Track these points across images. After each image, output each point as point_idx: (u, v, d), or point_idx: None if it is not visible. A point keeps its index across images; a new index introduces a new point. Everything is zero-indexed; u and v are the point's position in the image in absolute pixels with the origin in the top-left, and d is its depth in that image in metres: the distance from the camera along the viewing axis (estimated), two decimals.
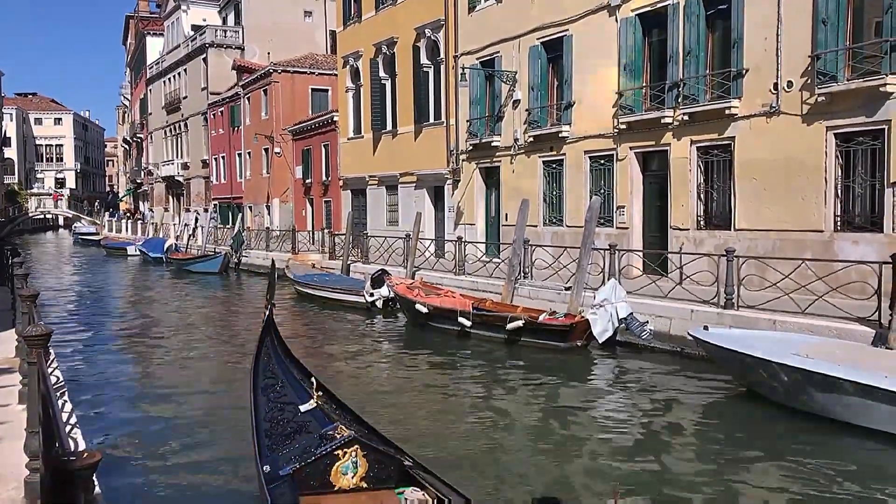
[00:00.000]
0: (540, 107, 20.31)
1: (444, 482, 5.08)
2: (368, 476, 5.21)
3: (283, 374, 6.35)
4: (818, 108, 13.58)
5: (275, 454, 5.51)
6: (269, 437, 5.69)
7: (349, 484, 5.15)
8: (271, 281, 7.76)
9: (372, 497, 5.11)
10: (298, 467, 5.15)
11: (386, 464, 5.27)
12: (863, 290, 11.16)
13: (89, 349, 14.89)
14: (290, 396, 6.10)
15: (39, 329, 4.99)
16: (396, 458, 5.33)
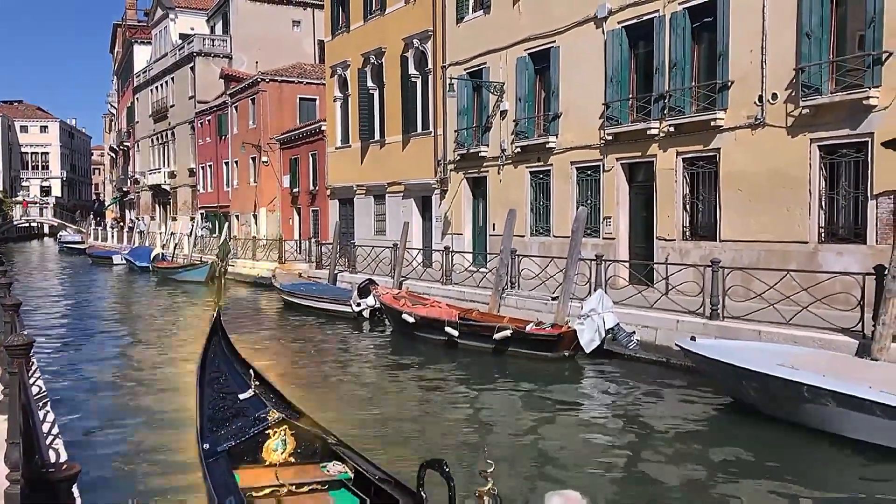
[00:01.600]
0: (527, 117, 20.39)
1: (363, 457, 5.72)
2: (296, 452, 5.90)
3: (227, 368, 6.97)
4: (802, 120, 13.70)
5: (214, 435, 6.07)
6: (211, 421, 6.26)
7: (279, 459, 5.82)
8: (219, 286, 8.59)
9: (299, 470, 5.76)
10: (234, 444, 5.87)
11: (312, 441, 5.97)
12: (847, 300, 11.24)
13: (72, 360, 14.74)
14: (232, 387, 6.71)
15: (21, 339, 4.95)
16: (321, 437, 6.02)
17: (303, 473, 5.72)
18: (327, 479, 5.67)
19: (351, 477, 5.66)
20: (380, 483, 5.22)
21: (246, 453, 5.84)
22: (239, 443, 5.89)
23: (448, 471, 4.08)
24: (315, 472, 5.74)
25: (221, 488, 5.28)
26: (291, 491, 5.51)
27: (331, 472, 5.71)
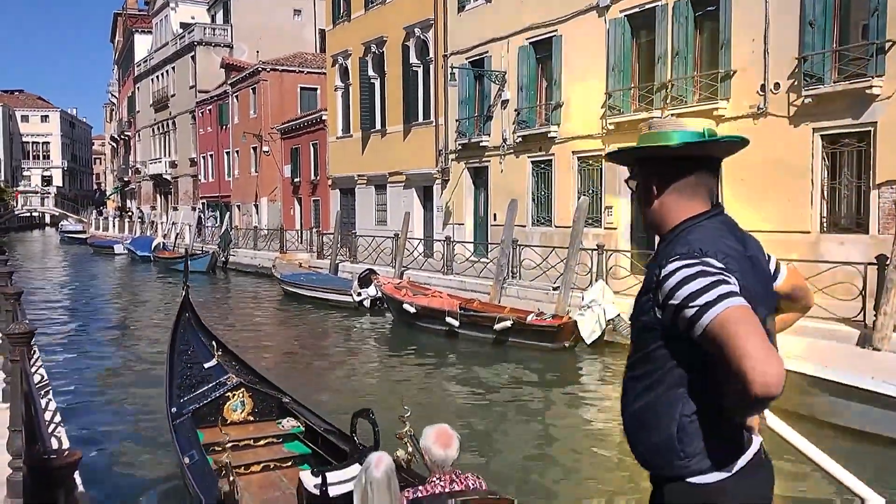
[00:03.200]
0: (529, 107, 20.34)
1: (313, 412, 6.57)
2: (254, 411, 6.66)
3: (195, 341, 7.59)
4: (805, 109, 13.66)
5: (181, 400, 6.67)
6: (179, 388, 6.89)
7: (239, 418, 6.58)
8: (186, 267, 9.80)
9: (257, 427, 6.54)
10: (198, 407, 6.45)
11: (268, 401, 6.73)
12: (848, 290, 11.23)
13: (74, 348, 14.80)
14: (198, 357, 7.34)
15: (23, 327, 4.96)
16: (277, 397, 6.80)
17: (260, 429, 6.47)
18: (282, 434, 6.43)
19: (302, 430, 6.45)
20: (325, 434, 6.12)
21: (209, 414, 6.45)
22: (202, 405, 6.49)
23: (373, 418, 4.95)
24: (271, 428, 6.49)
25: (185, 444, 5.94)
26: (250, 445, 6.23)
27: (285, 427, 6.47)
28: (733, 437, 2.08)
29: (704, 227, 2.15)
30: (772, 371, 1.80)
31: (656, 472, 2.17)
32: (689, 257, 2.02)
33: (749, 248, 2.22)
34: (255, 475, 5.91)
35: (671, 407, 2.08)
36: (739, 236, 2.21)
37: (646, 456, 2.18)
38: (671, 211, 2.22)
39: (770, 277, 2.34)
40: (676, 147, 2.18)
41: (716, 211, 2.22)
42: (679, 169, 2.20)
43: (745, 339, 1.83)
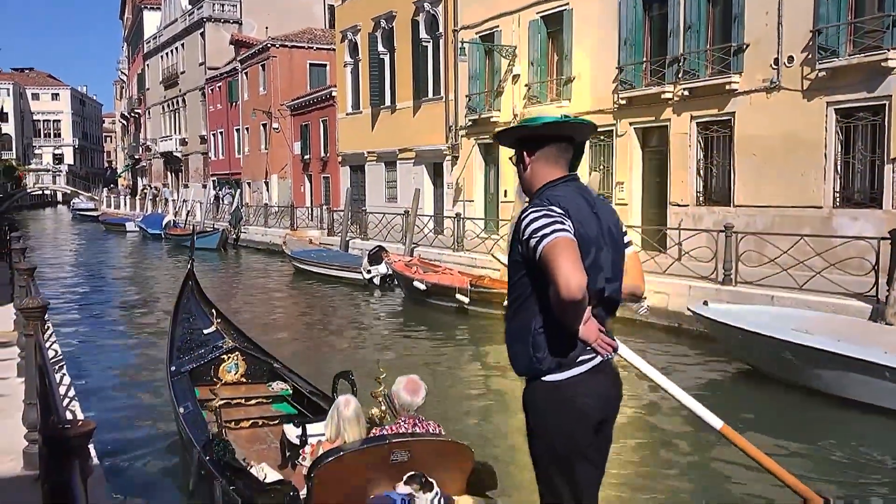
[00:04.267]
0: (539, 82, 20.19)
1: (301, 377, 7.00)
2: (247, 373, 7.15)
3: (196, 309, 8.13)
4: (819, 83, 13.51)
5: (180, 360, 7.17)
6: (179, 351, 7.40)
7: (232, 378, 7.04)
8: (192, 242, 10.51)
9: (249, 387, 7.03)
10: (194, 366, 6.95)
11: (260, 365, 7.23)
12: (861, 266, 11.17)
13: (87, 323, 14.95)
14: (199, 324, 7.85)
15: (36, 301, 5.01)
16: (268, 362, 7.30)
17: (251, 390, 6.96)
18: (271, 395, 6.90)
19: (290, 392, 6.89)
20: (310, 396, 6.57)
21: (204, 374, 6.95)
22: (199, 365, 6.99)
23: (353, 378, 5.48)
24: (261, 389, 6.97)
25: (181, 397, 6.48)
26: (241, 403, 6.70)
27: (274, 389, 6.93)
28: (571, 346, 2.75)
29: (558, 187, 2.87)
30: (574, 281, 2.53)
31: (521, 374, 2.90)
32: (539, 206, 2.75)
33: (597, 209, 2.89)
34: (245, 430, 6.38)
35: (528, 322, 2.79)
36: (590, 199, 2.90)
37: (514, 362, 2.91)
38: (536, 175, 2.94)
39: (622, 239, 2.98)
40: (539, 126, 2.95)
41: (570, 177, 2.95)
42: (543, 143, 2.92)
43: (560, 259, 2.57)
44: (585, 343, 2.76)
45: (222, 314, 8.10)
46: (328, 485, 4.09)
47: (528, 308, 2.80)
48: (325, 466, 4.12)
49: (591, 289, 2.67)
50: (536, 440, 2.91)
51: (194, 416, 6.05)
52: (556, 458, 2.85)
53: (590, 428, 2.83)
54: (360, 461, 4.21)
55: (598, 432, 2.87)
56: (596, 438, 2.87)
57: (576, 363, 2.78)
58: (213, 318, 7.84)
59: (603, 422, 2.89)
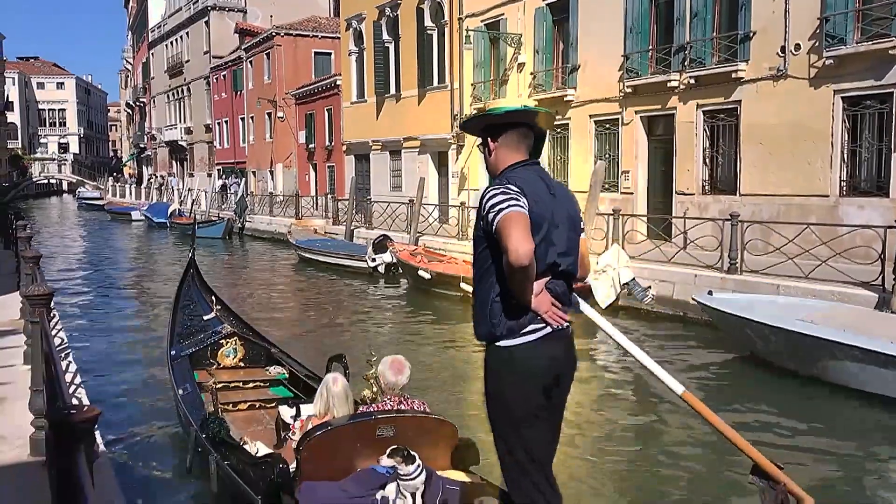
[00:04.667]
0: (545, 70, 20.12)
1: (297, 361, 7.17)
2: (245, 358, 7.35)
3: (197, 296, 8.40)
4: (826, 71, 13.43)
5: (180, 345, 7.37)
6: (180, 336, 7.61)
7: (231, 363, 7.26)
8: (193, 231, 10.89)
9: (247, 371, 7.21)
10: (194, 350, 7.15)
11: (258, 350, 7.42)
12: (867, 254, 11.14)
13: (92, 311, 15.02)
14: (199, 311, 8.10)
15: (42, 289, 5.03)
16: (265, 347, 7.49)
17: (249, 374, 7.15)
18: (268, 379, 7.07)
19: (287, 376, 7.08)
20: (306, 379, 6.70)
21: (203, 358, 7.16)
22: (198, 350, 7.18)
23: (345, 361, 5.69)
24: (259, 373, 7.15)
25: (181, 379, 6.65)
26: (239, 387, 6.89)
27: (271, 373, 7.12)
28: (524, 315, 3.04)
29: (518, 170, 3.15)
30: (522, 249, 2.83)
31: (479, 339, 3.18)
32: (498, 185, 3.06)
33: (558, 194, 3.18)
34: (242, 412, 6.53)
35: (488, 292, 3.08)
36: (548, 182, 3.19)
37: (475, 327, 3.18)
38: (500, 159, 3.22)
39: (579, 223, 3.27)
40: (502, 114, 3.27)
41: (531, 162, 3.23)
42: (505, 130, 3.21)
43: (511, 229, 2.87)
44: (537, 313, 3.05)
45: (222, 301, 8.35)
46: (316, 457, 4.30)
47: (488, 279, 3.08)
48: (313, 440, 4.33)
49: (544, 262, 3.04)
50: (492, 401, 3.18)
51: (192, 397, 6.28)
52: (511, 418, 3.12)
53: (540, 390, 3.10)
54: (348, 435, 4.42)
55: (549, 396, 3.14)
56: (548, 401, 3.14)
57: (528, 331, 3.07)
58: (212, 305, 8.10)
59: (555, 385, 3.16)
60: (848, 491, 6.25)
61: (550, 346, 3.10)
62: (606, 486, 6.29)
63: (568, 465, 6.30)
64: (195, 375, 6.76)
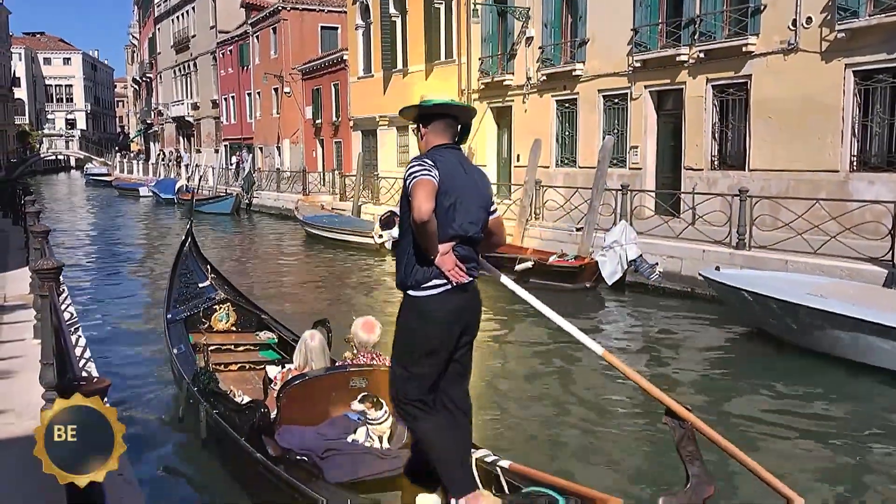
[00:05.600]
0: (553, 44, 19.95)
1: (286, 327, 7.55)
2: (237, 323, 7.76)
3: (193, 265, 8.86)
4: (838, 44, 13.28)
5: (176, 310, 7.86)
6: (176, 302, 8.13)
7: (224, 327, 7.67)
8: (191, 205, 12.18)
9: (239, 336, 7.58)
10: (189, 315, 7.61)
11: (249, 316, 7.84)
12: (876, 230, 11.08)
13: (100, 284, 15.17)
14: (195, 279, 8.52)
15: (51, 263, 5.04)
16: (256, 313, 7.92)
17: (240, 338, 7.51)
18: (259, 343, 7.45)
19: (276, 341, 7.43)
20: (294, 343, 6.72)
21: (198, 322, 7.57)
22: (192, 314, 7.63)
23: (329, 325, 5.98)
24: (250, 338, 7.53)
25: (176, 340, 7.14)
26: (230, 349, 7.24)
27: (261, 338, 7.51)
28: (431, 271, 3.61)
29: (440, 151, 3.76)
30: (423, 208, 3.42)
31: (397, 287, 3.77)
32: (418, 159, 3.68)
33: (470, 174, 3.81)
34: (232, 373, 6.87)
35: (406, 247, 3.67)
36: (464, 163, 3.83)
37: (396, 276, 3.77)
38: (428, 142, 3.85)
39: (489, 202, 3.89)
40: (431, 106, 3.87)
41: (452, 146, 3.85)
42: (434, 119, 3.84)
43: (417, 191, 3.47)
44: (441, 269, 3.62)
45: (216, 270, 8.83)
46: (294, 404, 4.83)
47: (407, 238, 3.67)
48: (291, 388, 4.89)
49: (451, 225, 3.63)
50: (399, 335, 3.79)
51: (186, 356, 6.77)
52: (410, 352, 3.72)
53: (438, 334, 3.68)
54: (323, 385, 4.98)
55: (448, 339, 3.71)
56: (446, 342, 3.71)
57: (432, 285, 3.63)
58: (207, 274, 8.52)
59: (454, 331, 3.73)
60: (856, 466, 6.26)
61: (451, 298, 3.66)
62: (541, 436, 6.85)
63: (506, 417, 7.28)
64: (189, 338, 7.20)
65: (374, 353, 5.15)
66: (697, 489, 3.66)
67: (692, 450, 3.71)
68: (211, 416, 5.39)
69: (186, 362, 6.56)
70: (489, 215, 3.89)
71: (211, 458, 5.58)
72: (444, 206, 3.58)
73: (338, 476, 4.36)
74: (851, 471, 6.18)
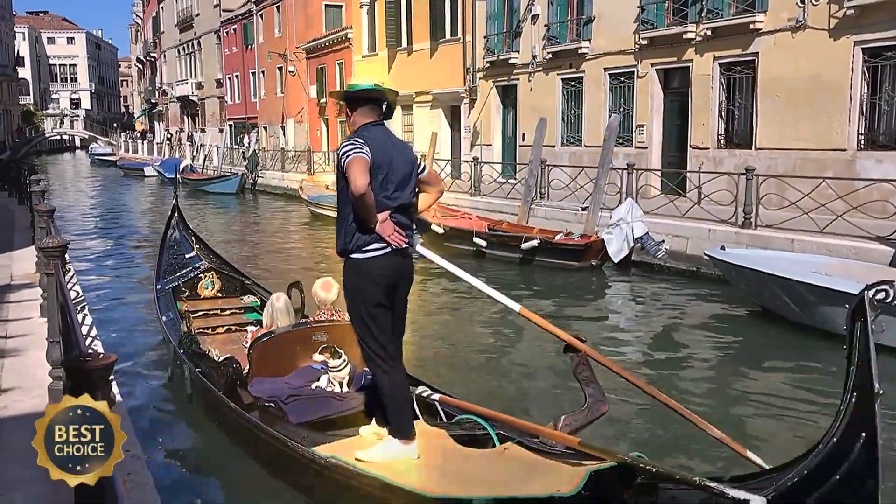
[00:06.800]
0: (559, 22, 19.81)
1: (268, 291, 7.82)
2: (222, 289, 8.24)
3: (181, 238, 9.35)
4: (846, 21, 13.15)
5: (165, 280, 8.44)
6: (165, 273, 8.68)
7: (209, 294, 8.16)
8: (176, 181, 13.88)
9: (224, 301, 8.07)
10: (177, 284, 8.12)
11: (233, 282, 8.37)
12: (883, 209, 11.04)
13: (107, 264, 15.21)
14: (182, 250, 9.06)
15: (56, 241, 5.06)
16: (240, 279, 8.48)
17: (226, 303, 8.02)
18: (243, 306, 7.96)
19: (259, 303, 7.83)
20: None
21: (185, 290, 8.05)
22: (179, 284, 8.10)
23: (301, 287, 6.75)
24: (235, 302, 8.06)
25: (164, 308, 7.72)
26: (217, 314, 7.73)
27: (245, 302, 8.02)
28: (370, 236, 4.13)
29: (368, 129, 4.25)
30: (359, 182, 3.92)
31: (338, 254, 4.31)
32: (350, 139, 4.17)
33: (397, 147, 4.31)
34: (220, 335, 7.35)
35: (345, 218, 4.20)
36: (390, 138, 4.33)
37: (337, 244, 4.30)
38: (356, 122, 4.33)
39: (415, 168, 4.37)
40: (356, 91, 4.40)
41: (379, 122, 4.33)
42: (361, 101, 4.34)
43: (353, 169, 3.97)
44: (381, 236, 4.12)
45: (202, 241, 9.40)
46: (263, 357, 5.49)
47: (345, 208, 4.18)
48: (260, 344, 5.58)
49: (385, 193, 4.14)
50: (349, 295, 4.32)
51: (174, 322, 7.30)
52: (360, 308, 4.26)
53: (380, 290, 4.21)
54: (289, 340, 5.65)
55: (387, 295, 4.25)
56: (387, 298, 4.25)
57: (372, 248, 4.15)
58: (193, 245, 9.09)
59: (393, 288, 4.28)
60: None
61: (390, 260, 4.19)
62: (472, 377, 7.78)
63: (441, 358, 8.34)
64: (177, 305, 7.73)
65: (333, 310, 5.82)
66: (593, 407, 4.41)
67: (587, 374, 4.43)
68: (194, 373, 5.99)
69: (174, 328, 7.10)
70: (418, 177, 4.39)
71: (196, 410, 6.22)
72: (378, 179, 4.08)
73: (299, 417, 4.96)
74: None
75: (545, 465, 4.11)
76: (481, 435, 4.60)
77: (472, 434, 4.63)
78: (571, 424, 4.35)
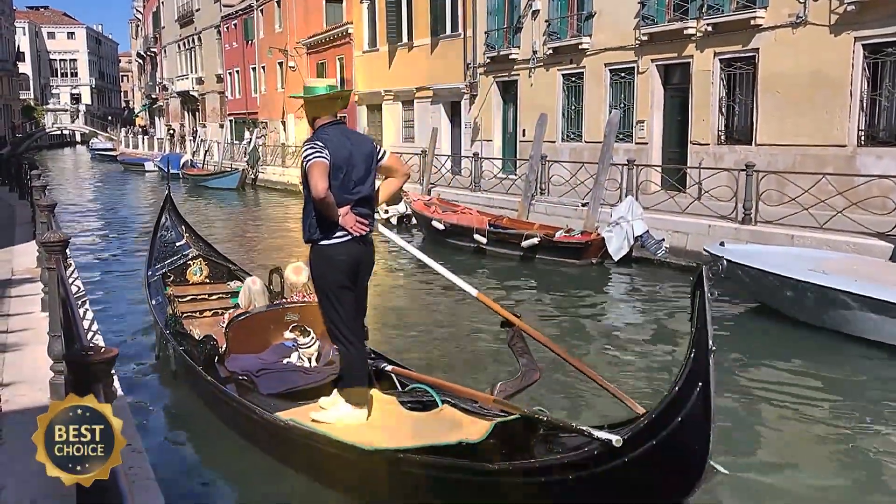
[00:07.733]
0: (560, 17, 19.79)
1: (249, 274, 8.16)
2: (210, 275, 8.58)
3: (172, 227, 9.68)
4: (847, 17, 13.14)
5: (155, 267, 8.79)
6: (156, 260, 9.01)
7: (198, 280, 8.52)
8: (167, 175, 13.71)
9: (212, 286, 8.43)
10: (166, 271, 8.48)
11: (220, 269, 8.73)
12: (883, 205, 11.04)
13: (107, 259, 15.26)
14: (172, 238, 9.41)
15: (58, 235, 5.07)
16: (227, 266, 8.89)
17: (214, 289, 8.40)
18: (229, 291, 8.24)
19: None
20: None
21: (174, 276, 8.42)
22: (169, 270, 8.46)
23: (281, 271, 7.09)
24: (222, 287, 8.42)
25: (154, 293, 8.18)
26: (205, 299, 8.14)
27: (232, 287, 8.29)
28: (332, 227, 4.56)
29: (326, 129, 4.68)
30: (319, 186, 4.36)
31: (305, 241, 4.72)
32: (310, 141, 4.58)
33: (354, 143, 4.69)
34: (207, 318, 7.70)
35: (309, 213, 4.62)
36: (349, 135, 4.79)
37: (304, 234, 4.71)
38: (315, 123, 4.75)
39: (374, 159, 4.76)
40: (317, 94, 4.75)
41: (336, 122, 4.77)
42: (320, 105, 4.76)
43: (313, 173, 4.40)
44: (343, 227, 4.55)
45: (192, 229, 9.77)
46: (239, 336, 5.99)
47: (309, 203, 4.58)
48: (236, 323, 6.13)
49: (348, 188, 4.55)
50: (316, 280, 4.77)
51: (163, 306, 7.73)
52: (326, 291, 4.69)
53: (343, 275, 4.63)
54: (263, 320, 6.18)
55: (350, 278, 4.68)
56: (350, 282, 4.68)
57: (336, 236, 4.58)
58: (183, 233, 9.46)
59: (355, 273, 4.70)
60: (862, 440, 6.29)
61: (352, 247, 4.62)
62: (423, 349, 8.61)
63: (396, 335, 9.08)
64: (166, 289, 8.13)
65: (304, 293, 6.32)
66: (526, 375, 4.85)
67: (521, 346, 4.88)
68: (177, 351, 6.47)
69: (162, 311, 7.60)
70: (380, 163, 4.80)
71: (180, 385, 6.75)
72: (339, 179, 4.50)
73: (269, 388, 5.43)
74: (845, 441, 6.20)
75: (468, 420, 4.60)
76: (429, 401, 5.01)
77: (421, 401, 5.08)
78: (506, 390, 4.80)
